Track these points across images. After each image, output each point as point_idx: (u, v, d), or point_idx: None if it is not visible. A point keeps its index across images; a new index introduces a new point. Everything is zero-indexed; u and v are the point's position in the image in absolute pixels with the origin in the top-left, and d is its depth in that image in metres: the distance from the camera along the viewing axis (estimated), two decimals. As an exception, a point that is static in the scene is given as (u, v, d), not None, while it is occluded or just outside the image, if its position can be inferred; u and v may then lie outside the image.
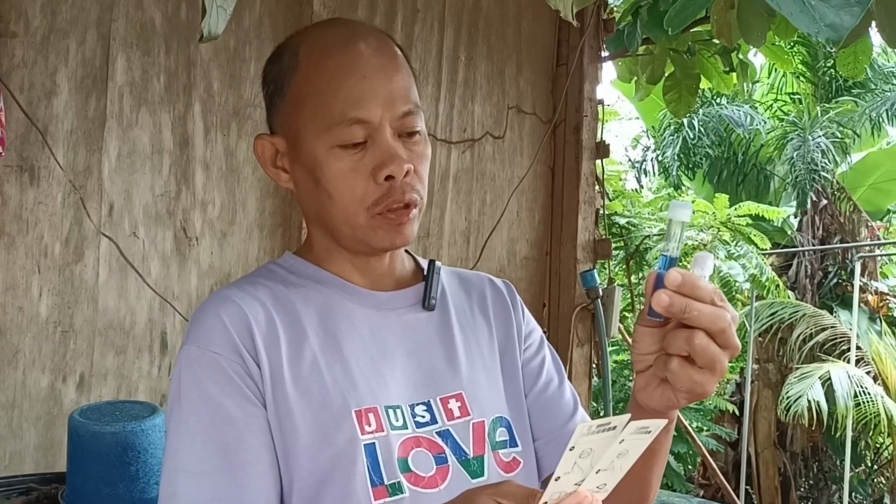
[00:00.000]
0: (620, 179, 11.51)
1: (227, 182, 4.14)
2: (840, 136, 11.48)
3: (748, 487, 10.52)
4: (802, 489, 11.06)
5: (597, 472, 1.01)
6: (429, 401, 1.36)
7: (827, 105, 11.89)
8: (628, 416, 0.99)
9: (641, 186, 13.72)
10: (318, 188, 1.36)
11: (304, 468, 1.27)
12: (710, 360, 1.08)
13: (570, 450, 0.97)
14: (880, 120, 11.51)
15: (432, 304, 1.45)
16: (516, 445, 1.40)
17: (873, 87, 12.07)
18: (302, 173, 1.38)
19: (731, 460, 10.78)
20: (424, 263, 1.52)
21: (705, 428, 10.42)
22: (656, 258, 9.69)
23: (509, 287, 1.56)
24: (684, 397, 1.12)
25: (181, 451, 1.25)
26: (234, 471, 1.24)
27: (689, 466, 10.78)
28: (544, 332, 1.60)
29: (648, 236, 9.87)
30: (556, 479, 0.99)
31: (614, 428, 0.99)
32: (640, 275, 9.70)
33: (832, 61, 10.95)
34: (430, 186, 4.44)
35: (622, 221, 9.37)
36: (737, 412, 10.53)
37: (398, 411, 1.33)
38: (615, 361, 10.69)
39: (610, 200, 9.91)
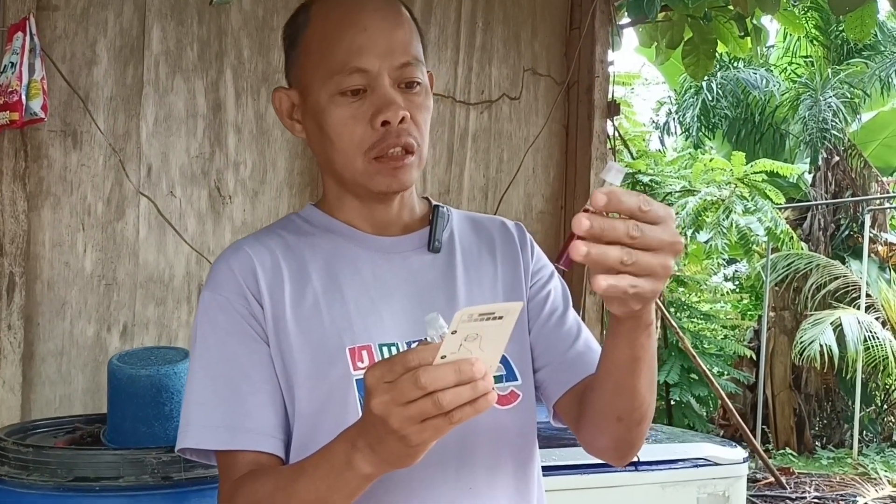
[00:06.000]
0: (644, 140, 11.38)
1: (257, 144, 4.13)
2: (850, 96, 11.26)
3: (765, 427, 10.46)
4: (816, 428, 10.96)
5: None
6: (426, 338, 1.34)
7: (838, 67, 11.67)
8: (519, 304, 0.98)
9: (664, 146, 13.58)
10: (323, 135, 1.35)
11: (302, 400, 1.30)
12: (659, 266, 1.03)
13: (453, 333, 0.95)
14: (889, 80, 11.27)
15: (437, 246, 1.42)
16: (515, 379, 1.38)
17: (883, 49, 11.80)
18: (311, 122, 1.38)
19: (749, 402, 10.69)
20: None
21: (725, 372, 10.34)
22: (677, 213, 9.62)
23: (520, 228, 1.53)
24: (631, 300, 1.07)
25: (195, 385, 1.31)
26: (238, 402, 1.28)
27: (710, 408, 10.72)
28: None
29: (670, 193, 9.77)
30: (442, 357, 0.97)
31: (500, 318, 0.97)
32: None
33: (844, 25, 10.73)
34: (449, 146, 4.41)
35: (646, 179, 9.28)
36: (754, 357, 10.44)
37: (393, 348, 1.33)
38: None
39: (633, 160, 9.82)
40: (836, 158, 11.21)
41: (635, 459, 3.32)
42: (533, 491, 1.41)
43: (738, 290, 12.99)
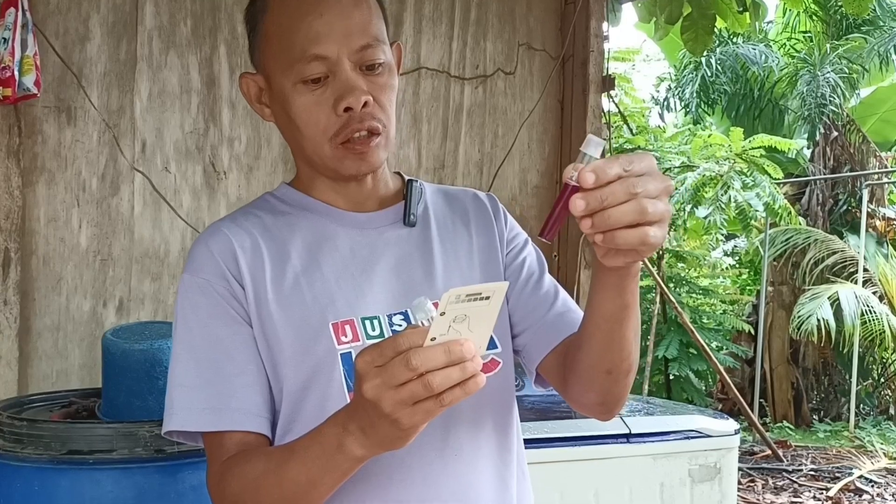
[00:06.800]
0: (644, 116, 11.35)
1: (252, 119, 4.11)
2: (849, 71, 11.21)
3: (763, 401, 10.50)
4: (814, 402, 11.00)
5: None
6: (406, 310, 1.36)
7: (837, 42, 11.60)
8: (504, 284, 1.00)
9: (664, 122, 13.55)
10: (289, 121, 1.36)
11: (288, 377, 1.31)
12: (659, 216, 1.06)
13: (441, 315, 0.96)
14: (888, 55, 11.21)
15: (412, 220, 1.43)
16: (495, 347, 1.40)
17: (882, 24, 11.72)
18: (277, 108, 1.38)
19: (748, 376, 10.72)
20: None
21: (723, 347, 10.38)
22: (676, 189, 9.59)
23: (492, 199, 1.54)
24: (649, 249, 1.09)
25: (178, 368, 1.32)
26: (222, 383, 1.29)
27: (708, 383, 10.75)
28: (554, 256, 1.58)
29: (670, 168, 9.75)
30: (431, 339, 0.98)
31: (487, 298, 0.98)
32: (665, 203, 9.58)
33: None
34: (444, 121, 4.39)
35: (645, 155, 9.24)
36: (752, 332, 10.45)
37: (375, 322, 1.33)
38: (639, 287, 10.60)
39: (633, 135, 9.79)
40: (835, 134, 11.18)
41: (627, 431, 3.32)
42: (513, 453, 1.42)
43: (736, 265, 13.00)
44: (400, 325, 1.34)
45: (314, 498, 1.17)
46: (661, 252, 9.82)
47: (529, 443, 3.13)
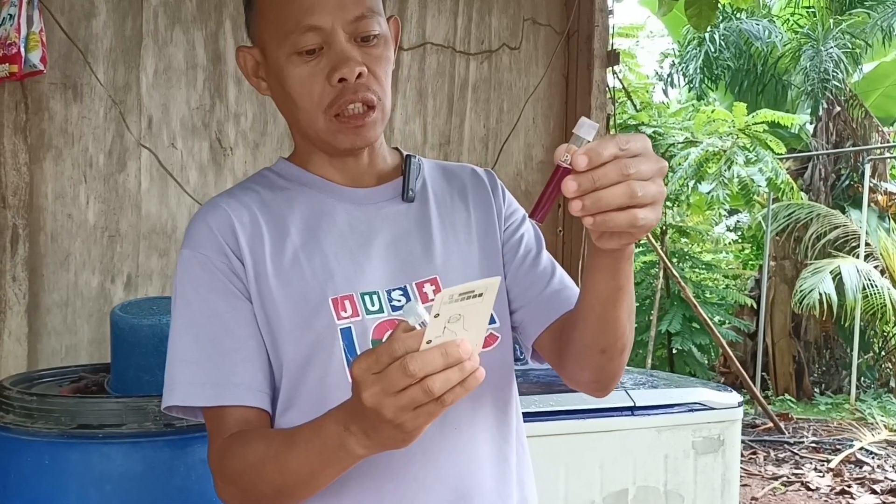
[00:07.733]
0: (648, 92, 11.30)
1: (257, 95, 4.04)
2: (852, 46, 11.13)
3: (765, 374, 10.50)
4: (815, 375, 11.00)
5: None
6: (405, 286, 1.35)
7: (840, 17, 11.52)
8: (497, 279, 0.98)
9: (668, 98, 13.49)
10: (285, 94, 1.34)
11: (289, 352, 1.30)
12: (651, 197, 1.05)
13: (436, 317, 0.95)
14: (891, 30, 11.12)
15: (411, 196, 1.42)
16: (494, 322, 1.39)
17: (885, -2, 11.69)
18: (273, 81, 1.37)
19: (750, 350, 10.73)
20: None
21: (726, 321, 10.37)
22: (680, 164, 9.57)
23: (490, 174, 1.53)
24: (640, 232, 1.08)
25: (178, 343, 1.31)
26: (222, 358, 1.28)
27: (711, 357, 10.75)
28: (559, 232, 1.56)
29: (673, 144, 9.71)
30: (427, 342, 0.96)
31: (480, 295, 0.97)
32: (665, 181, 9.56)
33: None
34: (449, 96, 4.35)
35: (649, 131, 9.22)
36: (755, 306, 10.46)
37: (374, 297, 1.33)
38: (642, 262, 10.62)
39: (637, 111, 9.75)
40: (837, 109, 11.13)
41: (631, 404, 3.32)
42: (511, 428, 1.41)
43: (739, 240, 12.99)
44: (399, 301, 1.34)
45: (315, 486, 1.18)
46: (664, 227, 9.81)
47: (536, 416, 3.13)
